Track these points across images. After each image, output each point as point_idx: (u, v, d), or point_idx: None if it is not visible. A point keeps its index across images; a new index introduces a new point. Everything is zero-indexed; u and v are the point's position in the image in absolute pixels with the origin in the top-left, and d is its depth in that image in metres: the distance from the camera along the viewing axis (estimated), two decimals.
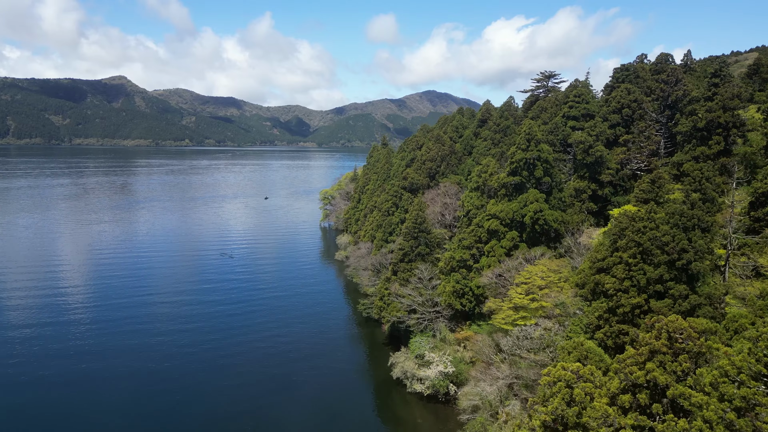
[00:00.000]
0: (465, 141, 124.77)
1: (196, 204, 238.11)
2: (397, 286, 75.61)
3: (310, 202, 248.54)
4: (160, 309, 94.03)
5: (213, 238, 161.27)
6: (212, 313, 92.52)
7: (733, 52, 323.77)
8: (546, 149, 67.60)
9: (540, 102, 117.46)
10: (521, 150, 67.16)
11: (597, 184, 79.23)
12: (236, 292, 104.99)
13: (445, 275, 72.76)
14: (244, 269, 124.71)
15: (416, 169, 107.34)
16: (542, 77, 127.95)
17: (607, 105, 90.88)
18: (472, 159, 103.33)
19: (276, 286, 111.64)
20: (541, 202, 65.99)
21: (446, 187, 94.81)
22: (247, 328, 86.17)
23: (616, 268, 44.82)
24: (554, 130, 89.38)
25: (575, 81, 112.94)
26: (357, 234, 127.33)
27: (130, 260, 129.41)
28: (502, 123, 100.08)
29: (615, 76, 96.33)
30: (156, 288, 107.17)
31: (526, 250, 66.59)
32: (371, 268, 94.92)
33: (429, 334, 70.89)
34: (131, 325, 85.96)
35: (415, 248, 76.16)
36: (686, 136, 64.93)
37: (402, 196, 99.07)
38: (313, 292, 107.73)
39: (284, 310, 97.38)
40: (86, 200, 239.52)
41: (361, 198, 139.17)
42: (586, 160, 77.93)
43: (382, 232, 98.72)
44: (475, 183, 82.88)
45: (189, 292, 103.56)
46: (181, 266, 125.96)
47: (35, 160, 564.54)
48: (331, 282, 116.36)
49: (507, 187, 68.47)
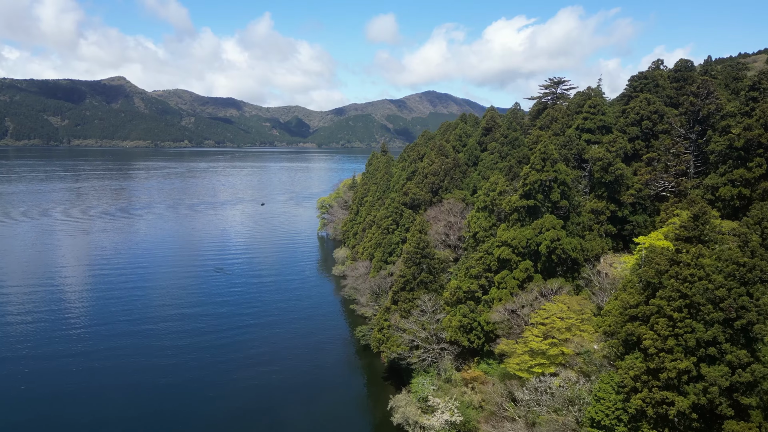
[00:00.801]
0: (469, 151, 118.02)
1: (191, 211, 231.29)
2: (397, 318, 68.77)
3: (307, 209, 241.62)
4: (137, 340, 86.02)
5: (205, 251, 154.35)
6: (197, 345, 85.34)
7: (740, 54, 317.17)
8: (563, 170, 60.77)
9: (549, 110, 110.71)
10: (536, 171, 60.32)
11: (616, 205, 72.39)
12: (225, 318, 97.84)
13: (451, 307, 65.96)
14: (235, 287, 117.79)
15: (418, 183, 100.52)
16: (551, 83, 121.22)
17: (624, 116, 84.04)
18: (477, 173, 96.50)
19: (269, 307, 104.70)
20: (558, 228, 59.16)
21: (450, 204, 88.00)
22: (235, 361, 79.09)
23: (657, 321, 37.98)
24: (568, 144, 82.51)
25: (588, 89, 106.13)
26: (355, 249, 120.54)
27: (114, 277, 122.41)
28: (510, 134, 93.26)
29: (632, 84, 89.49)
30: (136, 311, 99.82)
31: (541, 282, 59.77)
32: (370, 292, 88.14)
33: (433, 373, 64.08)
34: (101, 362, 78.60)
35: (417, 275, 69.35)
36: (720, 155, 58.11)
37: (403, 213, 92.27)
38: (308, 314, 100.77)
39: (277, 335, 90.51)
40: (78, 207, 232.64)
41: (359, 210, 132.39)
42: (604, 178, 71.07)
43: (382, 252, 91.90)
44: (483, 202, 76.08)
45: (173, 318, 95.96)
46: (168, 284, 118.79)
47: (31, 163, 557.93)
48: (327, 302, 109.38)
49: (519, 211, 61.65)
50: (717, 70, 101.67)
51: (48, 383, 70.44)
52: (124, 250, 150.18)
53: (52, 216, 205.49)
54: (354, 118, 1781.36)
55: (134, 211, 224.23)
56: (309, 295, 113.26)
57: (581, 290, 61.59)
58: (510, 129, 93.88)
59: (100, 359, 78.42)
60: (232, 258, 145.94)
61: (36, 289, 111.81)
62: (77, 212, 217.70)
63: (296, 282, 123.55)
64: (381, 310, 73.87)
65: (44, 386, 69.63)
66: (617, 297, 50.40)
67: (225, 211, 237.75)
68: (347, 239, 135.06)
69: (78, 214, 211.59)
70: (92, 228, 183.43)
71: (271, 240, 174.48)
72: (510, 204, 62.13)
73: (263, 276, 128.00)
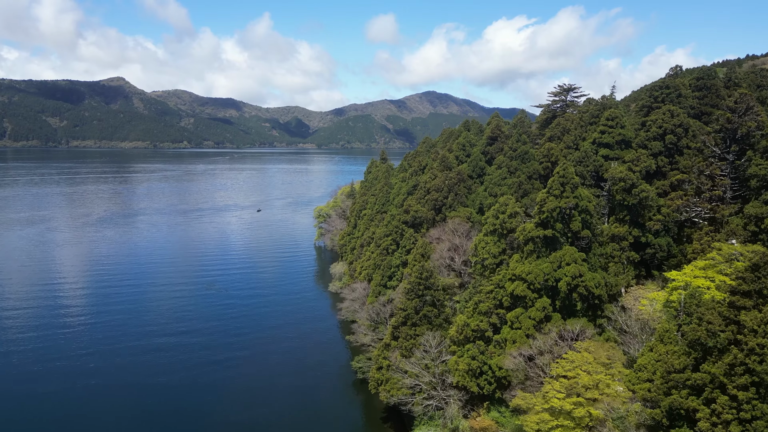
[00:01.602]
0: (473, 162, 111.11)
1: (185, 219, 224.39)
2: (398, 357, 61.92)
3: (305, 215, 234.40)
4: (105, 378, 79.25)
5: (196, 265, 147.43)
6: (180, 373, 78.62)
7: (748, 56, 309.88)
8: (585, 195, 53.90)
9: (560, 120, 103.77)
10: (554, 197, 53.45)
11: (640, 230, 65.54)
12: (211, 346, 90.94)
13: (458, 346, 59.10)
14: (227, 307, 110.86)
15: (419, 198, 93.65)
16: (560, 90, 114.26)
17: (645, 130, 77.12)
18: (484, 188, 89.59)
19: (262, 329, 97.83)
20: (580, 262, 52.29)
21: (455, 224, 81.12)
22: (220, 402, 72.18)
23: (715, 397, 31.16)
24: (583, 160, 75.64)
25: (602, 98, 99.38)
26: (353, 266, 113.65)
27: (98, 296, 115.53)
28: (518, 147, 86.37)
29: (653, 94, 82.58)
30: (117, 331, 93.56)
31: (560, 322, 52.91)
32: (368, 319, 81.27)
33: (438, 421, 57.27)
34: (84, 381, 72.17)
35: (419, 309, 62.50)
36: (764, 180, 51.19)
37: (403, 232, 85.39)
38: (302, 338, 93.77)
39: (269, 360, 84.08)
40: (68, 214, 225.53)
41: (357, 223, 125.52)
42: (627, 200, 64.22)
43: (380, 275, 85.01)
44: (492, 225, 69.21)
45: (149, 348, 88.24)
46: (154, 303, 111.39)
47: (26, 165, 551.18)
48: (323, 325, 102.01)
49: (535, 241, 54.78)
50: (740, 76, 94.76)
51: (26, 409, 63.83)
52: (111, 264, 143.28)
53: (40, 225, 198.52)
54: (354, 118, 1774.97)
55: (126, 219, 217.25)
56: (304, 316, 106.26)
57: (605, 330, 54.78)
58: (519, 142, 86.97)
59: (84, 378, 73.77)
60: (224, 272, 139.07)
61: (20, 306, 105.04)
62: (66, 221, 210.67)
63: (291, 300, 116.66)
64: (380, 346, 67.00)
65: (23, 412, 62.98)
66: (653, 348, 43.59)
67: (220, 218, 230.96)
68: (344, 254, 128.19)
69: (66, 223, 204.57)
70: (80, 238, 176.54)
71: (267, 251, 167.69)
72: (524, 233, 55.23)
73: (257, 293, 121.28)
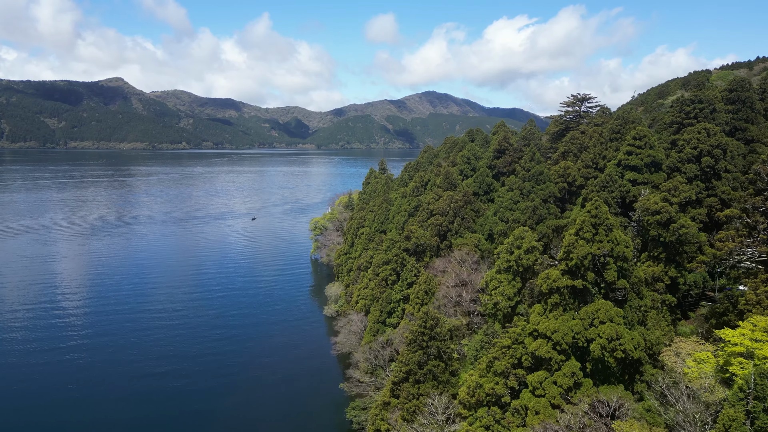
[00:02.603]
0: (480, 178, 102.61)
1: (177, 228, 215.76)
2: (399, 419, 53.36)
3: (302, 224, 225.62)
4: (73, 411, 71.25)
5: (184, 282, 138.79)
6: (155, 415, 70.06)
7: (758, 59, 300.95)
8: (622, 239, 45.25)
9: (574, 133, 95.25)
10: (585, 240, 44.82)
11: (677, 268, 56.96)
12: (199, 374, 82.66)
13: (469, 410, 50.52)
14: (213, 332, 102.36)
15: (421, 221, 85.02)
16: (573, 100, 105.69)
17: (677, 150, 68.57)
18: (493, 211, 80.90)
19: (252, 362, 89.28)
20: (617, 320, 43.68)
21: (462, 253, 72.48)
22: None
23: None
24: (608, 185, 67.05)
25: (621, 112, 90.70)
26: (349, 290, 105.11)
27: (79, 314, 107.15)
28: (532, 167, 77.69)
29: (683, 109, 73.92)
30: (93, 364, 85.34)
31: (592, 391, 44.33)
32: (365, 360, 72.59)
33: None
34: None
35: (423, 363, 53.90)
36: None
37: (404, 262, 76.77)
38: (295, 374, 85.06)
39: (257, 401, 75.67)
40: (58, 222, 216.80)
41: (354, 242, 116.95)
42: (663, 236, 55.62)
43: (379, 310, 76.39)
44: (505, 261, 60.63)
45: (133, 378, 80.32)
46: (126, 332, 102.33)
47: (21, 168, 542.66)
48: (318, 361, 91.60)
49: (561, 292, 46.18)
50: None
51: None
52: (95, 283, 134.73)
53: (24, 236, 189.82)
54: (353, 118, 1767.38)
55: (115, 230, 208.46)
56: (297, 353, 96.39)
57: (644, 398, 46.15)
58: (532, 161, 78.29)
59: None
60: (214, 292, 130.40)
61: None
62: (53, 232, 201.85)
63: (284, 326, 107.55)
64: (377, 403, 58.38)
65: None
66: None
67: (213, 227, 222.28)
68: (341, 274, 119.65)
69: (52, 235, 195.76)
70: (65, 252, 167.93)
71: (260, 265, 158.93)
72: (548, 281, 46.58)
73: (247, 316, 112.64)
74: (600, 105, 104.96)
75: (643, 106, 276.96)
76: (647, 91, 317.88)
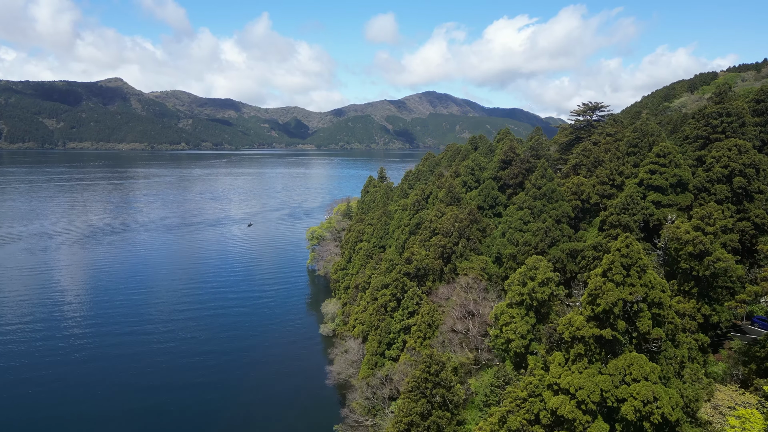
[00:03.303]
0: (485, 191, 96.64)
1: (171, 236, 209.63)
2: None
3: (299, 230, 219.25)
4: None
5: (175, 295, 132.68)
6: None
7: (766, 60, 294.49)
8: (658, 283, 39.18)
9: (586, 145, 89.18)
10: (614, 284, 38.77)
11: (710, 305, 50.91)
12: (183, 406, 76.49)
13: None
14: (203, 352, 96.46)
15: (423, 240, 78.92)
16: (585, 109, 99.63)
17: (704, 168, 62.53)
18: (501, 232, 74.77)
19: (237, 397, 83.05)
20: (654, 378, 37.64)
21: (468, 280, 66.40)
22: None
23: None
24: (629, 207, 60.94)
25: (639, 124, 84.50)
26: (346, 310, 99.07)
27: (65, 328, 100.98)
28: (544, 184, 71.60)
29: (709, 122, 67.76)
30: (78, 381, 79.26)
31: None
32: (362, 396, 66.56)
33: None
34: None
35: (427, 414, 47.87)
36: None
37: (405, 288, 70.65)
38: (288, 410, 78.89)
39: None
40: (49, 229, 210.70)
41: (351, 257, 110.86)
42: (696, 270, 49.56)
43: (378, 341, 70.29)
44: (518, 295, 54.57)
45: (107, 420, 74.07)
46: (108, 352, 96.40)
47: (16, 171, 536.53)
48: (313, 386, 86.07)
49: (587, 342, 40.13)
50: None
51: None
52: (83, 295, 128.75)
53: (12, 245, 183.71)
54: (353, 119, 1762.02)
55: (108, 237, 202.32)
56: (291, 371, 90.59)
57: None
58: (544, 177, 72.18)
59: None
60: (205, 307, 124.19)
61: None
62: (42, 240, 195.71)
63: (278, 350, 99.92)
64: None
65: None
66: None
67: (208, 234, 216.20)
68: (338, 291, 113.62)
69: (41, 243, 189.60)
70: (52, 263, 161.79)
71: (255, 278, 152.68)
72: (571, 329, 40.53)
73: (238, 341, 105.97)
74: (612, 113, 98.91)
75: (648, 108, 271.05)
76: (652, 93, 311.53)
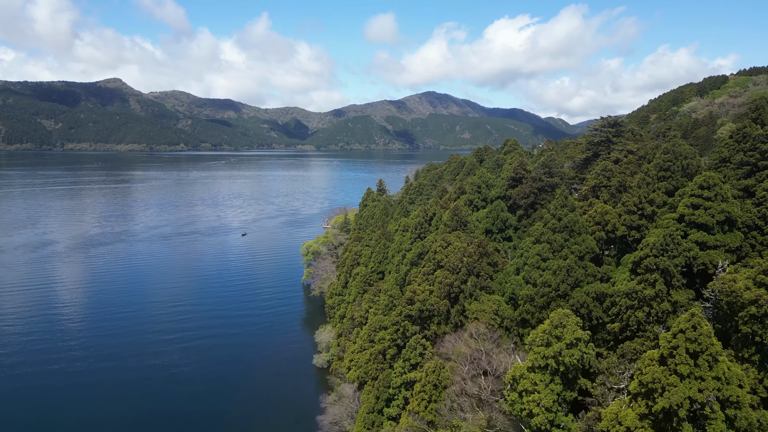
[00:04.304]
0: (494, 212, 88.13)
1: (161, 246, 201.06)
2: None
3: (297, 240, 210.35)
4: None
5: (161, 314, 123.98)
6: None
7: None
8: (734, 376, 30.51)
9: (606, 164, 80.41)
10: (677, 376, 30.07)
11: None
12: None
13: None
14: (184, 381, 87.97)
15: (426, 275, 70.23)
16: (604, 123, 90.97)
17: (754, 201, 53.77)
18: (516, 269, 65.95)
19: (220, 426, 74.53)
20: None
21: (479, 328, 57.72)
22: None
23: None
24: (668, 248, 52.14)
25: (669, 144, 75.55)
26: (341, 342, 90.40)
27: (48, 350, 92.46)
28: (565, 215, 62.89)
29: (756, 146, 58.87)
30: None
31: None
32: None
33: None
34: None
35: None
36: None
37: (407, 333, 61.97)
38: None
39: None
40: (40, 236, 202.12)
41: (348, 282, 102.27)
42: (759, 335, 40.92)
43: (375, 396, 61.57)
44: (542, 359, 45.86)
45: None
46: (85, 377, 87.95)
47: (10, 173, 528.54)
48: (302, 427, 78.16)
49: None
50: None
51: None
52: (66, 311, 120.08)
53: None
54: (353, 119, 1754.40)
55: (97, 248, 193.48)
56: (279, 418, 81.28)
57: None
58: (564, 207, 63.45)
59: None
60: (192, 329, 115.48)
61: None
62: (27, 249, 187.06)
63: (265, 389, 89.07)
64: None
65: None
66: None
67: (202, 245, 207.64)
68: (333, 318, 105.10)
69: (25, 254, 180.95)
70: (38, 275, 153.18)
71: (246, 295, 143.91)
72: (619, 429, 31.85)
73: (224, 365, 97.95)
74: (632, 130, 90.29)
75: (656, 113, 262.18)
76: (659, 96, 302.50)
